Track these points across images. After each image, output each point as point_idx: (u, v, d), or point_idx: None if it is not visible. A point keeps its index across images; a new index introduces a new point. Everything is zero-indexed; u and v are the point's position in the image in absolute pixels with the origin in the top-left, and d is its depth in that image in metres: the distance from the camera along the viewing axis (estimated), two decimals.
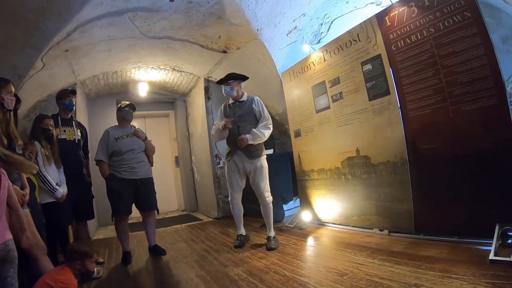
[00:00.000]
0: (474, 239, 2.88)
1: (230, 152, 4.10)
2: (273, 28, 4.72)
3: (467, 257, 2.59)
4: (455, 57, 2.95)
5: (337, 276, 2.65)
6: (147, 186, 4.15)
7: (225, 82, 4.07)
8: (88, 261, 2.52)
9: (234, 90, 4.06)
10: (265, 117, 4.05)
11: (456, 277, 2.24)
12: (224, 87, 4.06)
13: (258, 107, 4.09)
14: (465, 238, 2.96)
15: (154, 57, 5.65)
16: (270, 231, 4.00)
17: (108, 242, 5.26)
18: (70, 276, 2.39)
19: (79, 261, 2.47)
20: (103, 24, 4.04)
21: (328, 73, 4.43)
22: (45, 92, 5.06)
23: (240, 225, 4.23)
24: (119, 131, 4.13)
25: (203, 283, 2.91)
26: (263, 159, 4.05)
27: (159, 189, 4.54)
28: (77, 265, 2.47)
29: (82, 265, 2.47)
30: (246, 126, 3.98)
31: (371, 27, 3.73)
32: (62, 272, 2.40)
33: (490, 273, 2.22)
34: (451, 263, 2.53)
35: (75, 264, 2.46)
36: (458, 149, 2.99)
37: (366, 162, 3.92)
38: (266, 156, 4.12)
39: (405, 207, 3.45)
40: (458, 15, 2.89)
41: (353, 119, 4.07)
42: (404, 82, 3.41)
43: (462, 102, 2.93)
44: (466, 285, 2.11)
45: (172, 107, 8.68)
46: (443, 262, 2.57)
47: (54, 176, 3.40)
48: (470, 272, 2.29)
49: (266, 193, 3.99)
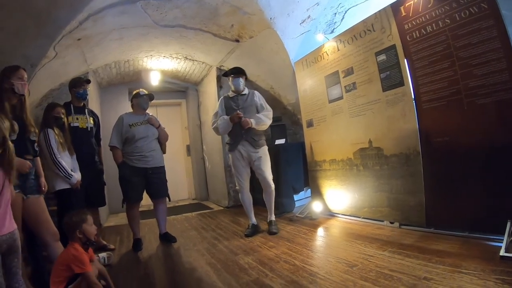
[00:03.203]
0: (485, 235, 2.85)
1: (234, 143, 4.22)
2: (287, 17, 4.68)
3: (477, 253, 2.57)
4: (471, 49, 2.88)
5: (347, 267, 2.65)
6: (159, 174, 4.17)
7: (235, 74, 4.22)
8: (85, 226, 2.53)
9: (243, 84, 4.27)
10: (266, 108, 4.29)
11: (466, 272, 2.22)
12: (239, 79, 4.20)
13: (259, 100, 4.30)
14: (476, 233, 2.93)
15: (166, 45, 5.64)
16: (271, 216, 4.27)
17: (119, 229, 5.33)
18: (78, 247, 2.43)
19: (77, 230, 2.50)
20: (115, 13, 4.04)
21: (341, 63, 4.38)
22: (58, 81, 5.10)
23: (251, 214, 4.31)
24: (134, 118, 4.15)
25: (213, 271, 2.94)
26: (266, 148, 4.27)
27: (170, 178, 4.56)
28: (78, 235, 2.50)
29: (81, 233, 2.50)
30: (249, 117, 4.13)
31: (386, 17, 3.67)
32: (70, 248, 2.45)
33: (500, 269, 2.19)
34: (461, 257, 2.51)
35: (76, 236, 2.49)
36: (471, 142, 2.93)
37: (379, 154, 3.89)
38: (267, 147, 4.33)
39: (417, 200, 3.42)
40: (474, 7, 2.82)
41: (366, 110, 4.03)
42: (418, 73, 3.35)
43: (477, 95, 2.87)
44: (476, 280, 2.09)
45: (184, 96, 8.70)
46: (453, 256, 2.56)
47: (67, 163, 3.42)
48: (480, 267, 2.27)
49: (270, 179, 4.18)
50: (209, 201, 7.88)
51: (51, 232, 2.74)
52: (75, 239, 2.50)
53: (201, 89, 7.90)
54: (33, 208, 2.64)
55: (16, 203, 2.48)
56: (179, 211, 6.61)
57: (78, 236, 2.50)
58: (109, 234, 4.99)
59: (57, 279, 2.31)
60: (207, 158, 7.90)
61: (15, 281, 1.95)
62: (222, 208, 6.67)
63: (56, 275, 2.32)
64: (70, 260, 2.34)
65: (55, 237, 2.76)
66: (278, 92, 6.40)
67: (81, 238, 2.50)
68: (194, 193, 8.59)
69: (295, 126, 6.67)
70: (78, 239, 2.50)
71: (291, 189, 5.37)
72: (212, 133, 7.11)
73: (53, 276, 2.32)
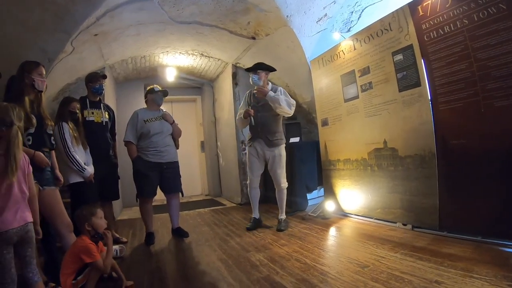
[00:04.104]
0: (498, 240, 2.81)
1: (251, 138, 4.32)
2: (303, 15, 4.65)
3: (490, 258, 2.53)
4: (489, 50, 2.82)
5: (358, 267, 2.65)
6: (173, 169, 4.21)
7: (253, 70, 4.23)
8: (94, 219, 2.58)
9: (261, 80, 4.22)
10: (290, 98, 4.22)
11: (478, 277, 2.20)
12: (252, 76, 4.23)
13: (281, 94, 4.20)
14: (489, 238, 2.88)
15: (182, 42, 5.67)
16: (282, 214, 4.34)
17: (132, 222, 5.40)
18: (86, 239, 2.50)
19: (86, 223, 2.55)
20: (132, 9, 4.07)
21: (358, 62, 4.35)
22: (74, 76, 5.16)
23: (256, 208, 4.46)
24: (148, 114, 4.19)
25: (224, 267, 2.97)
26: (282, 148, 4.32)
27: (184, 173, 4.61)
28: (86, 228, 2.56)
29: (90, 226, 2.55)
30: (267, 115, 4.20)
31: (403, 16, 3.62)
32: (78, 240, 2.53)
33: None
34: (473, 262, 2.48)
35: (85, 229, 2.55)
36: (488, 145, 2.88)
37: (393, 154, 3.85)
38: (285, 145, 4.38)
39: (430, 203, 3.38)
40: (493, 7, 2.76)
41: (382, 110, 4.00)
42: (435, 74, 3.31)
43: (495, 97, 2.81)
44: (487, 285, 2.07)
45: (199, 93, 8.74)
46: (465, 261, 2.53)
47: (81, 157, 3.46)
48: (492, 273, 2.25)
49: (283, 179, 4.27)
50: (222, 198, 7.91)
51: (65, 223, 2.81)
52: (84, 231, 2.56)
53: (217, 86, 7.92)
54: (49, 199, 2.70)
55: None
56: (192, 207, 6.66)
57: (87, 229, 2.57)
58: (122, 227, 5.06)
59: (67, 271, 2.40)
60: (221, 155, 7.92)
61: (29, 270, 2.01)
62: (235, 205, 6.69)
63: (66, 266, 2.42)
64: (79, 252, 2.43)
65: (69, 228, 2.83)
66: (293, 90, 6.38)
67: (89, 231, 2.56)
68: (207, 189, 8.64)
69: (309, 125, 6.65)
70: (87, 231, 2.56)
71: (304, 188, 5.37)
72: (226, 129, 7.19)
73: (63, 268, 2.42)
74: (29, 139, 2.58)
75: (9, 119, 2.02)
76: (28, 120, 2.52)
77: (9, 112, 2.04)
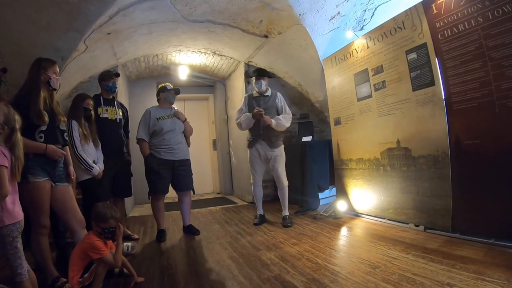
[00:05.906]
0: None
1: (252, 140, 4.54)
2: (316, 13, 4.62)
3: (502, 261, 2.50)
4: (504, 49, 2.77)
5: (369, 268, 2.63)
6: (185, 167, 4.24)
7: (260, 77, 4.52)
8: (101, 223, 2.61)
9: (265, 85, 4.58)
10: (286, 111, 4.57)
11: (490, 280, 2.17)
12: (261, 81, 4.51)
13: (280, 102, 4.61)
14: (502, 241, 2.84)
15: (194, 40, 5.68)
16: (285, 211, 4.57)
17: (144, 219, 5.45)
18: (92, 236, 2.54)
19: (93, 221, 2.59)
20: (144, 8, 4.09)
21: (371, 60, 4.31)
22: (87, 74, 5.22)
23: (260, 206, 4.75)
24: (161, 112, 4.21)
25: (235, 265, 2.98)
26: (282, 148, 4.61)
27: (196, 171, 4.64)
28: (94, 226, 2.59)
29: (96, 226, 2.59)
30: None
31: (417, 15, 3.58)
32: (85, 237, 2.58)
33: None
34: (486, 265, 2.45)
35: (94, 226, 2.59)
36: (502, 146, 2.83)
37: (406, 154, 3.82)
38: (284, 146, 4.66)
39: (443, 204, 3.34)
40: (507, 5, 2.70)
41: (395, 109, 3.96)
42: (449, 73, 3.26)
43: (510, 97, 2.76)
44: None
45: (211, 91, 8.75)
46: (478, 263, 2.50)
47: (92, 154, 3.50)
48: (504, 276, 2.21)
49: (283, 177, 4.55)
50: (233, 196, 7.93)
51: (78, 219, 2.85)
52: (93, 228, 2.60)
53: (229, 84, 7.93)
54: (61, 195, 2.75)
55: (45, 191, 2.60)
56: (204, 205, 6.69)
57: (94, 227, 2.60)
58: (133, 224, 5.11)
59: (75, 267, 2.45)
60: (233, 153, 7.94)
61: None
62: (246, 203, 6.70)
63: (73, 263, 2.46)
64: (86, 249, 2.47)
65: (82, 225, 2.87)
66: (305, 89, 6.36)
67: (97, 229, 2.59)
68: (218, 187, 8.65)
69: (322, 124, 6.63)
70: (95, 230, 2.59)
71: (316, 187, 5.36)
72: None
73: (71, 265, 2.46)
74: (41, 136, 2.60)
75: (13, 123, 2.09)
76: (40, 117, 2.56)
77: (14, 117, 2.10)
